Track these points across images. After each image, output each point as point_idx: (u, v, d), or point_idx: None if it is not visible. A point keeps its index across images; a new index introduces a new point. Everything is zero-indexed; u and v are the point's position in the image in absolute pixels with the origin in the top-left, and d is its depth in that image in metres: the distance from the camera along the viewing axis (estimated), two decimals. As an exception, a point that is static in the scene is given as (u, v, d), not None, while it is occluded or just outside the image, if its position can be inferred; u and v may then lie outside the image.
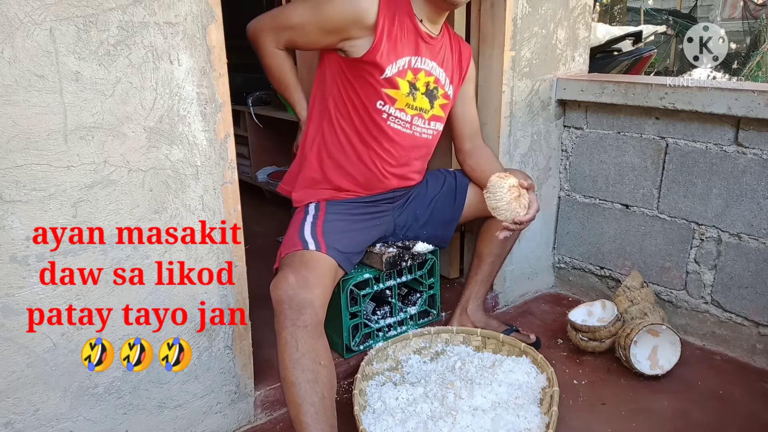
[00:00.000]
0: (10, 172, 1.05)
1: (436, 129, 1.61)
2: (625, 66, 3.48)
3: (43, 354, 1.16)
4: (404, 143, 1.54)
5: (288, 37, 1.48)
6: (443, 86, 1.57)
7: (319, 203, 1.56)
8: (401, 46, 1.45)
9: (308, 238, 1.42)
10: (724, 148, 1.70)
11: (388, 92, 1.46)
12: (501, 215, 1.56)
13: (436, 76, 1.54)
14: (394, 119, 1.50)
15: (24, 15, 1.01)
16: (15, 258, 1.09)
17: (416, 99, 1.52)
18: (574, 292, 2.21)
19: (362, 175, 1.54)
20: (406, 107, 1.51)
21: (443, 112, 1.61)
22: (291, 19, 1.45)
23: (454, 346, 1.75)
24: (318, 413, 1.22)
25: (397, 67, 1.46)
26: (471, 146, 1.72)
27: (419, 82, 1.51)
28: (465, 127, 1.71)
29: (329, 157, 1.55)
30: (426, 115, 1.56)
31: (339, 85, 1.49)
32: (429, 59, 1.51)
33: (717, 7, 9.39)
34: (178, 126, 1.23)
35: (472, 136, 1.72)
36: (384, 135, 1.51)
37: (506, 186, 1.54)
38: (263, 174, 3.38)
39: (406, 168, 1.59)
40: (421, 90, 1.52)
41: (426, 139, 1.59)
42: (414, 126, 1.54)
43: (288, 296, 1.26)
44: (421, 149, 1.60)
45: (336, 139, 1.53)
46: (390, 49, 1.43)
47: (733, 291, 1.74)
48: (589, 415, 1.53)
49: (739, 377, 1.67)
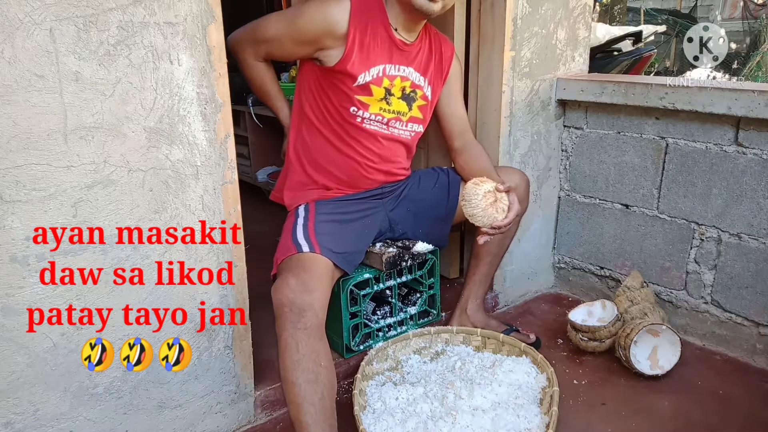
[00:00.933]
0: (10, 172, 1.05)
1: (414, 130, 1.64)
2: (625, 66, 3.48)
3: (43, 354, 1.16)
4: (383, 141, 1.58)
5: (266, 50, 1.53)
6: (421, 88, 1.60)
7: (308, 204, 1.58)
8: (374, 55, 1.49)
9: (301, 241, 1.43)
10: (724, 148, 1.70)
11: (360, 99, 1.50)
12: (478, 222, 1.56)
13: (412, 80, 1.57)
14: (369, 122, 1.54)
15: (24, 15, 1.01)
16: (15, 258, 1.09)
17: (391, 103, 1.55)
18: (574, 292, 2.21)
19: (346, 173, 1.58)
20: (381, 111, 1.54)
21: (422, 114, 1.64)
22: (267, 32, 1.51)
23: (454, 346, 1.75)
24: (318, 413, 1.23)
25: (371, 75, 1.49)
26: (461, 144, 1.72)
27: (395, 88, 1.54)
28: (453, 125, 1.71)
29: (311, 159, 1.59)
30: (404, 117, 1.59)
31: (314, 92, 1.55)
32: (404, 66, 1.55)
33: (717, 7, 9.39)
34: (178, 126, 1.23)
35: (462, 133, 1.72)
36: (362, 133, 1.54)
37: (481, 192, 1.53)
38: (263, 174, 3.39)
39: (390, 164, 1.62)
40: (397, 95, 1.56)
41: (405, 139, 1.63)
42: (391, 128, 1.58)
43: (289, 300, 1.26)
44: (400, 148, 1.63)
45: (316, 142, 1.57)
46: (362, 58, 1.47)
47: (733, 291, 1.74)
48: (589, 415, 1.53)
49: (739, 377, 1.67)
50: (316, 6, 1.45)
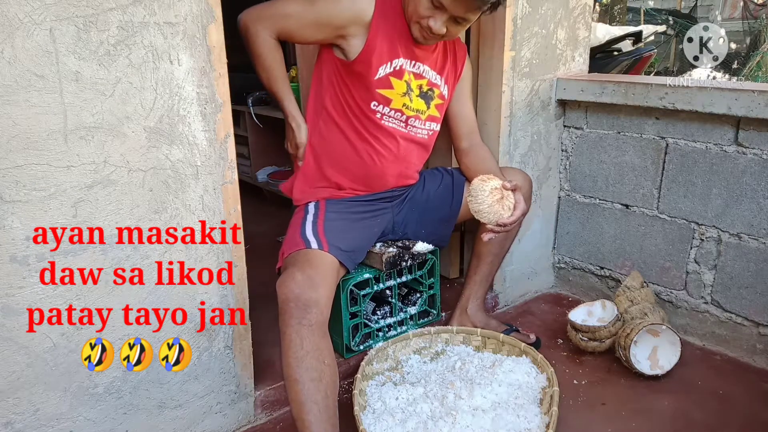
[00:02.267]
0: (10, 172, 1.05)
1: (432, 129, 1.63)
2: (625, 66, 3.48)
3: (43, 354, 1.16)
4: (401, 140, 1.56)
5: (283, 25, 1.44)
6: (438, 87, 1.59)
7: (318, 202, 1.57)
8: (396, 48, 1.47)
9: (310, 237, 1.42)
10: (724, 148, 1.70)
11: (382, 92, 1.48)
12: (484, 218, 1.55)
13: (429, 78, 1.56)
14: (389, 119, 1.52)
15: (24, 15, 1.01)
16: (15, 258, 1.09)
17: (413, 100, 1.54)
18: (574, 292, 2.21)
19: (360, 171, 1.56)
20: (404, 108, 1.52)
21: (439, 113, 1.63)
22: (287, 8, 1.43)
23: (454, 346, 1.75)
24: (321, 412, 1.23)
25: (392, 67, 1.47)
26: (468, 145, 1.71)
27: (413, 84, 1.53)
28: (461, 125, 1.71)
29: (327, 154, 1.56)
30: (423, 116, 1.58)
31: (335, 85, 1.51)
32: (421, 63, 1.53)
33: (717, 7, 9.40)
34: (178, 126, 1.23)
35: (469, 134, 1.72)
36: (381, 130, 1.52)
37: (488, 189, 1.51)
38: (263, 174, 3.38)
39: (405, 164, 1.60)
40: (416, 92, 1.54)
41: (422, 139, 1.61)
42: (410, 126, 1.56)
43: (295, 295, 1.26)
44: (418, 148, 1.62)
45: (333, 136, 1.54)
46: (384, 49, 1.45)
47: (733, 291, 1.74)
48: (589, 415, 1.53)
49: (739, 377, 1.67)
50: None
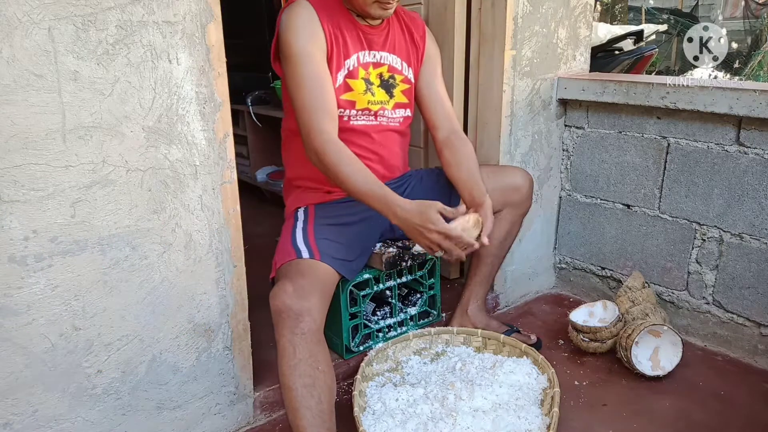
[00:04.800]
0: (9, 172, 1.05)
1: (403, 116, 1.60)
2: (627, 65, 3.48)
3: (41, 354, 1.15)
4: (374, 133, 1.55)
5: (325, 108, 1.37)
6: (400, 71, 1.56)
7: (307, 207, 1.57)
8: (348, 47, 1.47)
9: (301, 246, 1.42)
10: (725, 148, 1.69)
11: (344, 98, 1.48)
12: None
13: (390, 63, 1.54)
14: (357, 118, 1.52)
15: (23, 14, 1.01)
16: (13, 258, 1.08)
17: (375, 94, 1.52)
18: (575, 292, 2.20)
19: None
20: (369, 104, 1.52)
21: (407, 98, 1.59)
22: (301, 94, 1.37)
23: (454, 346, 1.74)
24: (315, 417, 1.23)
25: (346, 69, 1.47)
26: (446, 135, 1.58)
27: (372, 76, 1.51)
28: (433, 111, 1.59)
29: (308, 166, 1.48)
30: (388, 105, 1.56)
31: None
32: (378, 51, 1.51)
33: (718, 7, 9.38)
34: (176, 125, 1.23)
35: (446, 120, 1.59)
36: (353, 133, 1.52)
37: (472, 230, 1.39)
38: (262, 174, 3.38)
39: (385, 151, 1.58)
40: (376, 83, 1.52)
41: (396, 126, 1.60)
42: (380, 117, 1.56)
43: (286, 306, 1.25)
44: (393, 135, 1.60)
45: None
46: (338, 53, 1.45)
47: (735, 291, 1.74)
48: (590, 416, 1.53)
49: (741, 378, 1.67)
50: (292, 30, 1.37)
